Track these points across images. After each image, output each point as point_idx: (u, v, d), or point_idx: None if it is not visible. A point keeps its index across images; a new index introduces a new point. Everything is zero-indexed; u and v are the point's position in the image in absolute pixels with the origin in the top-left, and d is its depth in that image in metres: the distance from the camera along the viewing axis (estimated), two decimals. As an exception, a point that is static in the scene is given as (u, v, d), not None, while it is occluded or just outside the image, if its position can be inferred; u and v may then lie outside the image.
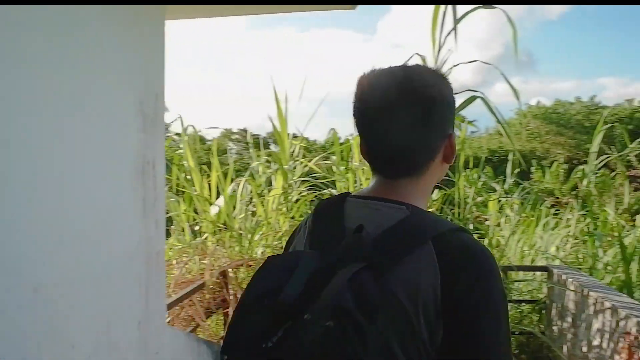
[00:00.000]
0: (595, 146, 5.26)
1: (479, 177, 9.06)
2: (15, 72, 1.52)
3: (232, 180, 4.10)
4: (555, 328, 3.85)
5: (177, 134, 4.53)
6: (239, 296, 3.63)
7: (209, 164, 4.58)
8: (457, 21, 3.44)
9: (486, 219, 6.71)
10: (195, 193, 3.89)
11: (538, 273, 4.31)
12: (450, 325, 0.91)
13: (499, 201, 7.08)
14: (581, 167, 23.44)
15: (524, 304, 4.29)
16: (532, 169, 22.37)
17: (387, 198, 1.03)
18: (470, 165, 6.05)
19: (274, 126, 3.72)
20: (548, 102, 31.84)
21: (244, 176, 4.43)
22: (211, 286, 3.52)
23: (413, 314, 0.90)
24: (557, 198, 22.11)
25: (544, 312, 4.12)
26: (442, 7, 3.50)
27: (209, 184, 4.06)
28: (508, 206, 7.17)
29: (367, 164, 1.12)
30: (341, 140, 5.08)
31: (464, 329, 0.91)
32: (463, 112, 3.91)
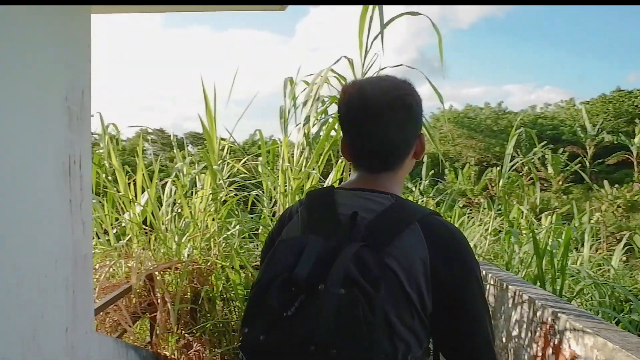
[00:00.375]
0: (510, 149, 5.56)
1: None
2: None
3: (158, 180, 4.00)
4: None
5: (96, 133, 4.35)
6: (167, 299, 3.57)
7: (127, 165, 4.46)
8: (383, 26, 3.54)
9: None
10: (120, 194, 3.76)
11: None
12: (439, 292, 1.10)
13: (417, 202, 7.30)
14: (491, 168, 24.62)
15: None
16: (446, 170, 23.30)
17: (372, 189, 1.23)
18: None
19: (203, 126, 3.66)
20: (459, 106, 33.30)
21: (169, 177, 4.32)
22: (137, 290, 3.41)
23: (406, 283, 1.07)
24: (470, 198, 23.13)
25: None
26: (369, 11, 3.58)
27: (133, 185, 3.93)
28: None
29: (350, 160, 1.30)
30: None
31: (451, 295, 1.10)
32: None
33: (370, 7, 3.56)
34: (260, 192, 4.29)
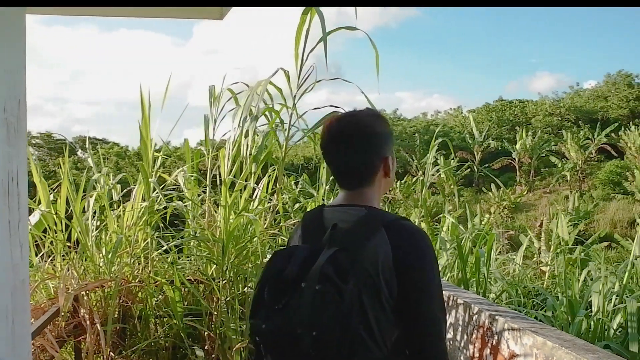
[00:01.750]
0: (430, 157, 5.79)
1: (297, 183, 9.30)
2: None
3: (83, 194, 3.73)
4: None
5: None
6: (96, 319, 3.34)
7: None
8: (321, 39, 3.56)
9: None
10: (45, 210, 3.46)
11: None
12: (401, 281, 1.40)
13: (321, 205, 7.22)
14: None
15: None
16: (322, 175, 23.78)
17: (351, 204, 1.54)
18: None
19: (141, 134, 3.46)
20: (356, 113, 34.22)
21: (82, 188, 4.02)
22: (64, 312, 3.17)
23: (375, 276, 1.38)
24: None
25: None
26: (306, 24, 3.59)
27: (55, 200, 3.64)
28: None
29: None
30: (157, 147, 4.80)
31: (409, 282, 1.41)
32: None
33: (308, 19, 3.56)
34: (186, 205, 4.14)
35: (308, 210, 1.89)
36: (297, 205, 5.09)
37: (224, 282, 3.47)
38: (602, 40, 62.77)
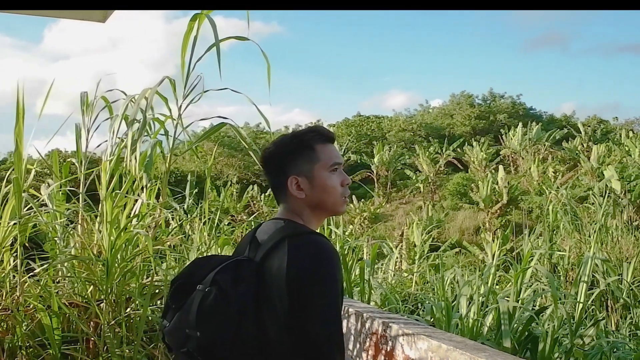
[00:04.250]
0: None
1: (158, 196, 8.86)
2: None
3: None
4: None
5: None
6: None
7: None
8: (211, 47, 3.48)
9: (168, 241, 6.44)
10: None
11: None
12: (292, 297, 1.42)
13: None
14: (252, 186, 25.38)
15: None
16: (208, 189, 23.34)
17: (278, 217, 1.65)
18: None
19: (16, 143, 3.09)
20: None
21: None
22: None
23: (271, 285, 1.45)
24: (233, 216, 23.53)
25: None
26: (194, 32, 3.49)
27: None
28: (188, 225, 7.02)
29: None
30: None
31: (298, 300, 1.42)
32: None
33: (195, 27, 3.46)
34: (54, 222, 3.79)
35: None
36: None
37: (106, 304, 3.22)
38: (447, 62, 68.36)
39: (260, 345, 1.44)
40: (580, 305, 3.88)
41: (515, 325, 3.85)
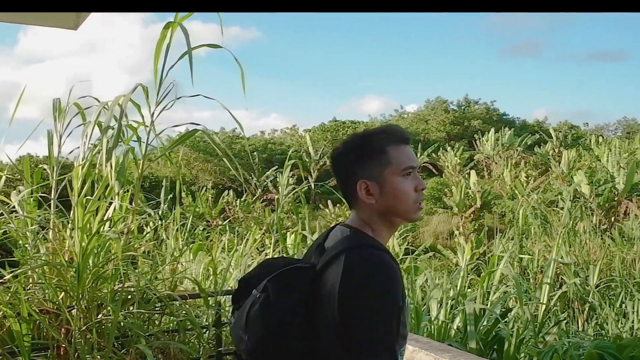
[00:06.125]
0: (285, 179, 5.91)
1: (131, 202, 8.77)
2: None
3: None
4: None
5: None
6: None
7: None
8: (181, 56, 3.52)
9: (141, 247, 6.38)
10: None
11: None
12: (342, 308, 1.38)
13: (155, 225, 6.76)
14: (227, 191, 25.26)
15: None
16: (183, 194, 23.21)
17: (346, 224, 1.58)
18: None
19: None
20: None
21: None
22: None
23: (325, 297, 1.40)
24: (208, 221, 23.41)
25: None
26: (167, 40, 3.53)
27: None
28: (163, 230, 6.97)
29: None
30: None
31: (345, 314, 1.37)
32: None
33: (168, 35, 3.51)
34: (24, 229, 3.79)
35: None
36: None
37: (77, 310, 3.23)
38: (423, 68, 68.97)
39: (310, 354, 1.42)
40: (543, 306, 4.01)
41: (482, 326, 3.96)
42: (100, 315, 3.43)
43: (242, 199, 23.68)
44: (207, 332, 4.04)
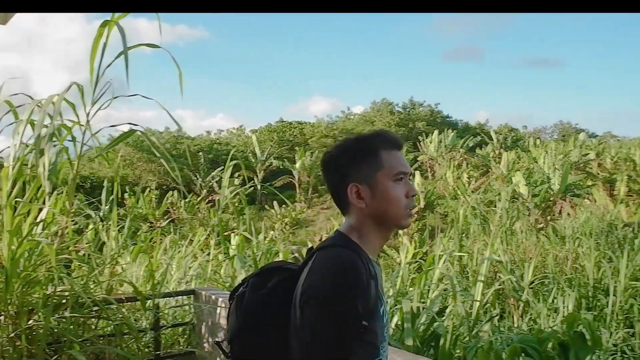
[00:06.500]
0: (226, 181, 5.86)
1: (91, 204, 8.74)
2: None
3: None
4: (206, 345, 4.17)
5: None
6: None
7: None
8: (118, 55, 3.45)
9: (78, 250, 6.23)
10: None
11: (185, 297, 4.54)
12: (299, 308, 1.37)
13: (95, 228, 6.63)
14: (171, 192, 24.84)
15: (174, 328, 4.44)
16: (126, 195, 22.65)
17: (337, 229, 1.58)
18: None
19: None
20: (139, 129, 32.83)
21: None
22: None
23: (295, 296, 1.40)
24: (152, 222, 22.94)
25: (191, 332, 4.38)
26: (104, 38, 3.45)
27: None
28: (104, 232, 6.84)
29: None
30: None
31: (300, 314, 1.37)
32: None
33: (105, 33, 3.43)
34: None
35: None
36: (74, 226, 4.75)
37: (5, 317, 3.12)
38: (369, 70, 69.78)
39: (284, 356, 1.40)
40: (477, 303, 4.14)
41: (420, 324, 4.06)
42: (31, 321, 3.32)
43: (186, 200, 23.32)
44: (145, 335, 3.97)
